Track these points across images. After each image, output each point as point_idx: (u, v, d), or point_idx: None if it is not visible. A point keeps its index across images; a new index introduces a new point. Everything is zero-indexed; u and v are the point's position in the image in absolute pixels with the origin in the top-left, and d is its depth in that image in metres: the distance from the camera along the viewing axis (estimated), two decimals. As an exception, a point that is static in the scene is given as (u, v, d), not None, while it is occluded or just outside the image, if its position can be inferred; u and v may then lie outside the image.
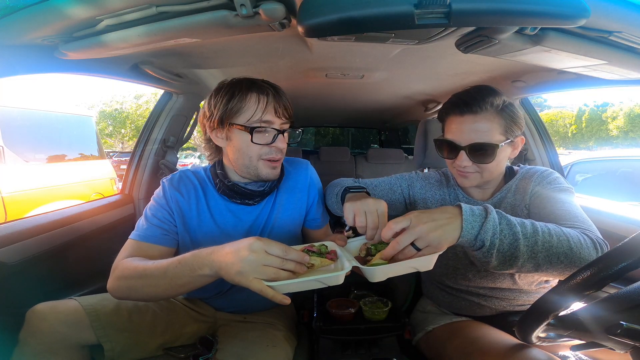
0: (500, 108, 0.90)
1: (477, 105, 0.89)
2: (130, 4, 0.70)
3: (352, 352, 1.02)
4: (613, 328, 0.48)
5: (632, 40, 0.76)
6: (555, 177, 0.95)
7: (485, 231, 0.66)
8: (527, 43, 0.82)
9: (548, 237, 0.67)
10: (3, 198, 2.77)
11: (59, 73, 1.01)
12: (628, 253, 0.49)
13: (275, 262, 0.65)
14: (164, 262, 0.75)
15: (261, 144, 0.93)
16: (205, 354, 0.94)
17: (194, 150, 21.57)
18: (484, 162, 0.91)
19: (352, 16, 0.58)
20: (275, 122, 0.93)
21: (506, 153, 0.95)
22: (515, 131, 0.93)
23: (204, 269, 0.69)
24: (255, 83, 0.94)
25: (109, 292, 0.82)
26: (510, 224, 0.67)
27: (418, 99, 2.25)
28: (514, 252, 0.66)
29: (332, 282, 0.68)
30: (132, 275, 0.78)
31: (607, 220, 1.32)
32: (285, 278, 0.65)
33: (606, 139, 29.08)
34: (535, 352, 0.72)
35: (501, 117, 0.90)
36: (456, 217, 0.67)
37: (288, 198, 1.05)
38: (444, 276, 1.06)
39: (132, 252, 0.87)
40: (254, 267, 0.63)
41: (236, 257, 0.64)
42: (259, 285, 0.64)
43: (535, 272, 0.70)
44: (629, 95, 31.70)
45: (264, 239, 0.66)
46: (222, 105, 0.91)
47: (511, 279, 0.96)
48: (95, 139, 4.21)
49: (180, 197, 0.98)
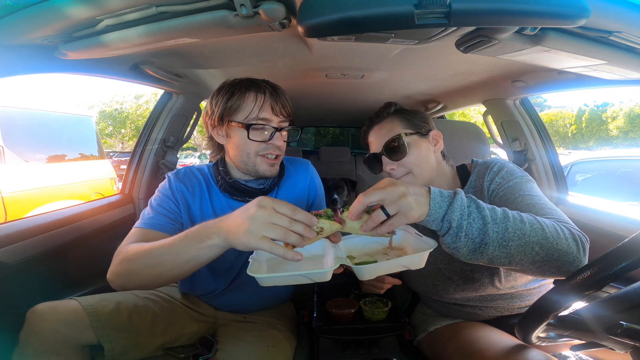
0: (394, 112, 1.05)
1: (378, 116, 1.07)
2: (130, 4, 0.70)
3: (352, 352, 1.02)
4: (613, 328, 0.48)
5: (632, 40, 0.76)
6: (508, 169, 0.94)
7: (452, 211, 0.64)
8: (527, 43, 0.82)
9: (520, 224, 0.65)
10: (3, 198, 2.77)
11: (59, 73, 1.01)
12: (628, 253, 0.49)
13: (284, 221, 0.62)
14: (169, 238, 0.74)
15: (258, 141, 0.95)
16: (205, 354, 0.94)
17: (194, 150, 21.58)
18: (402, 157, 0.97)
19: (352, 16, 0.58)
20: (273, 119, 0.95)
21: (424, 146, 1.00)
22: (419, 124, 1.02)
23: (213, 237, 0.67)
24: (254, 82, 0.97)
25: (108, 281, 0.80)
26: (479, 208, 0.65)
27: (418, 99, 2.25)
28: (483, 237, 0.64)
29: (319, 278, 0.68)
30: (135, 256, 0.77)
31: (607, 220, 1.32)
32: (295, 242, 0.63)
33: (606, 139, 29.08)
34: (535, 353, 0.72)
35: (399, 117, 1.03)
36: (426, 194, 0.67)
37: (288, 196, 1.07)
38: (429, 293, 1.08)
39: (136, 240, 0.86)
40: (263, 224, 0.61)
41: (244, 216, 0.63)
42: (268, 244, 0.62)
43: (510, 264, 0.67)
44: (629, 95, 31.73)
45: (272, 198, 0.65)
46: (222, 104, 0.95)
47: (492, 285, 0.93)
48: (95, 139, 4.21)
49: (186, 190, 1.00)
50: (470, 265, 0.90)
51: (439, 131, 1.06)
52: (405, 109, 1.07)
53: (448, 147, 1.08)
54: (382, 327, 1.03)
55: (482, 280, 0.94)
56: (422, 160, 0.99)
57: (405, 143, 0.98)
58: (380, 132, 1.03)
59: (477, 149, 1.44)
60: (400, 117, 1.04)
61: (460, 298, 1.00)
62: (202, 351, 0.96)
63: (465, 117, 13.89)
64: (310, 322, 1.13)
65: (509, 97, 1.63)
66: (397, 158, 0.98)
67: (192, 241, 0.70)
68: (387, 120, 1.04)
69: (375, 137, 1.04)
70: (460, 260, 0.89)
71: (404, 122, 1.02)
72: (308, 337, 1.16)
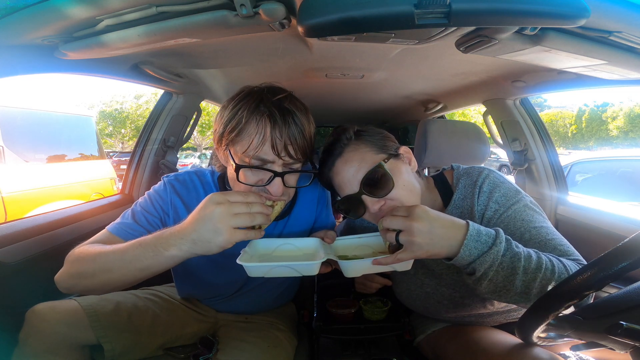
0: (354, 137, 0.86)
1: (335, 147, 0.86)
2: (130, 4, 0.70)
3: (352, 352, 1.02)
4: (613, 328, 0.48)
5: (632, 40, 0.76)
6: (500, 191, 0.83)
7: (482, 262, 0.63)
8: (527, 43, 0.82)
9: (549, 275, 0.64)
10: (3, 198, 2.77)
11: (59, 73, 1.01)
12: (628, 253, 0.49)
13: (242, 208, 0.63)
14: (122, 246, 0.69)
15: (247, 184, 0.77)
16: (206, 354, 0.94)
17: (194, 150, 21.58)
18: (390, 190, 0.79)
19: (352, 16, 0.58)
20: (276, 161, 0.75)
21: (403, 169, 0.84)
22: (387, 145, 0.86)
23: (171, 249, 0.64)
24: (262, 101, 0.75)
25: (55, 282, 0.75)
26: (514, 257, 0.63)
27: (418, 99, 2.24)
28: (507, 285, 0.64)
29: (306, 271, 0.70)
30: (84, 259, 0.72)
31: (607, 220, 1.32)
32: (261, 221, 0.66)
33: (606, 139, 29.07)
34: (538, 351, 0.72)
35: (362, 141, 0.85)
36: (457, 237, 0.64)
37: (299, 215, 1.01)
38: (422, 312, 1.03)
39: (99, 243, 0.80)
40: (226, 217, 0.62)
41: (205, 219, 0.62)
42: (240, 233, 0.63)
43: (520, 305, 0.68)
44: (629, 95, 31.73)
45: (220, 192, 0.64)
46: (224, 123, 0.78)
47: (484, 307, 0.89)
48: (95, 139, 4.21)
49: (180, 203, 0.90)
50: (459, 291, 0.89)
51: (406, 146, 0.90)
52: (363, 129, 0.87)
53: (448, 147, 1.07)
54: (382, 327, 1.03)
55: (473, 305, 0.90)
56: (409, 188, 0.83)
57: (388, 172, 0.79)
58: (348, 167, 0.82)
59: (477, 149, 1.44)
60: (364, 142, 0.85)
61: (454, 317, 0.96)
62: (203, 351, 0.95)
63: (465, 117, 13.88)
64: (311, 321, 1.13)
65: (509, 97, 1.63)
66: (384, 193, 0.79)
67: (147, 250, 0.66)
68: (350, 150, 0.84)
69: (344, 174, 0.82)
70: (448, 286, 0.89)
71: (371, 147, 0.84)
72: (308, 337, 1.16)
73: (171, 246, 0.64)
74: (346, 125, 0.89)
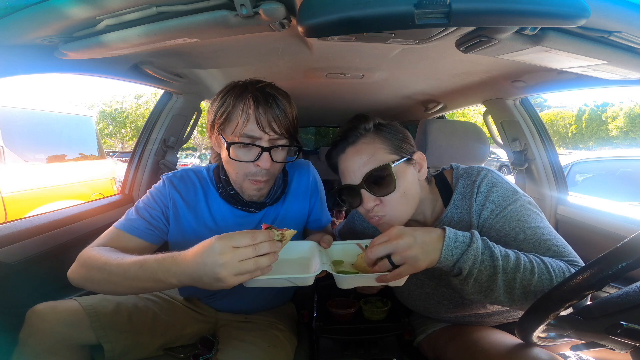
0: (373, 129, 0.86)
1: (351, 134, 0.86)
2: (130, 4, 0.70)
3: (352, 352, 1.02)
4: (613, 328, 0.48)
5: (632, 40, 0.76)
6: (498, 191, 0.83)
7: (465, 260, 0.65)
8: (527, 43, 0.82)
9: (529, 276, 0.66)
10: (3, 198, 2.77)
11: (59, 73, 1.01)
12: (628, 253, 0.49)
13: (249, 252, 0.61)
14: (126, 261, 0.71)
15: (239, 161, 0.85)
16: (206, 354, 0.94)
17: (194, 150, 21.58)
18: (389, 192, 0.80)
19: (352, 16, 0.58)
20: (262, 137, 0.84)
21: (409, 176, 0.84)
22: (403, 146, 0.85)
23: (170, 280, 0.65)
24: (246, 89, 0.85)
25: (68, 278, 0.79)
26: (493, 257, 0.66)
27: (418, 99, 2.25)
28: (491, 285, 0.66)
29: (302, 282, 0.69)
30: (93, 266, 0.75)
31: (607, 220, 1.32)
32: (268, 262, 0.63)
33: (606, 139, 29.07)
34: (538, 351, 0.72)
35: (379, 137, 0.85)
36: (437, 241, 0.67)
37: (292, 203, 1.03)
38: (422, 312, 1.03)
39: (108, 241, 0.85)
40: (232, 267, 0.60)
41: (206, 266, 0.60)
42: (246, 276, 0.62)
43: (511, 305, 0.70)
44: (629, 95, 31.70)
45: (223, 236, 0.62)
46: (214, 111, 0.87)
47: (483, 307, 0.90)
48: (95, 139, 4.21)
49: (179, 198, 0.95)
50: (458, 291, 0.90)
51: (422, 153, 0.90)
52: (385, 124, 0.88)
53: (448, 147, 1.07)
54: (381, 327, 1.03)
55: (472, 305, 0.90)
56: (407, 196, 0.83)
57: (393, 174, 0.80)
58: (357, 158, 0.83)
59: (477, 149, 1.44)
60: (382, 138, 0.85)
61: (455, 316, 0.96)
62: (203, 351, 0.96)
63: (465, 117, 13.87)
64: (310, 322, 1.13)
65: (509, 97, 1.63)
66: (383, 193, 0.81)
67: (147, 274, 0.67)
68: (365, 141, 0.85)
69: (351, 163, 0.84)
70: (447, 287, 0.89)
71: (386, 145, 0.84)
72: (308, 337, 1.16)
73: (171, 278, 0.65)
74: (369, 115, 0.88)
